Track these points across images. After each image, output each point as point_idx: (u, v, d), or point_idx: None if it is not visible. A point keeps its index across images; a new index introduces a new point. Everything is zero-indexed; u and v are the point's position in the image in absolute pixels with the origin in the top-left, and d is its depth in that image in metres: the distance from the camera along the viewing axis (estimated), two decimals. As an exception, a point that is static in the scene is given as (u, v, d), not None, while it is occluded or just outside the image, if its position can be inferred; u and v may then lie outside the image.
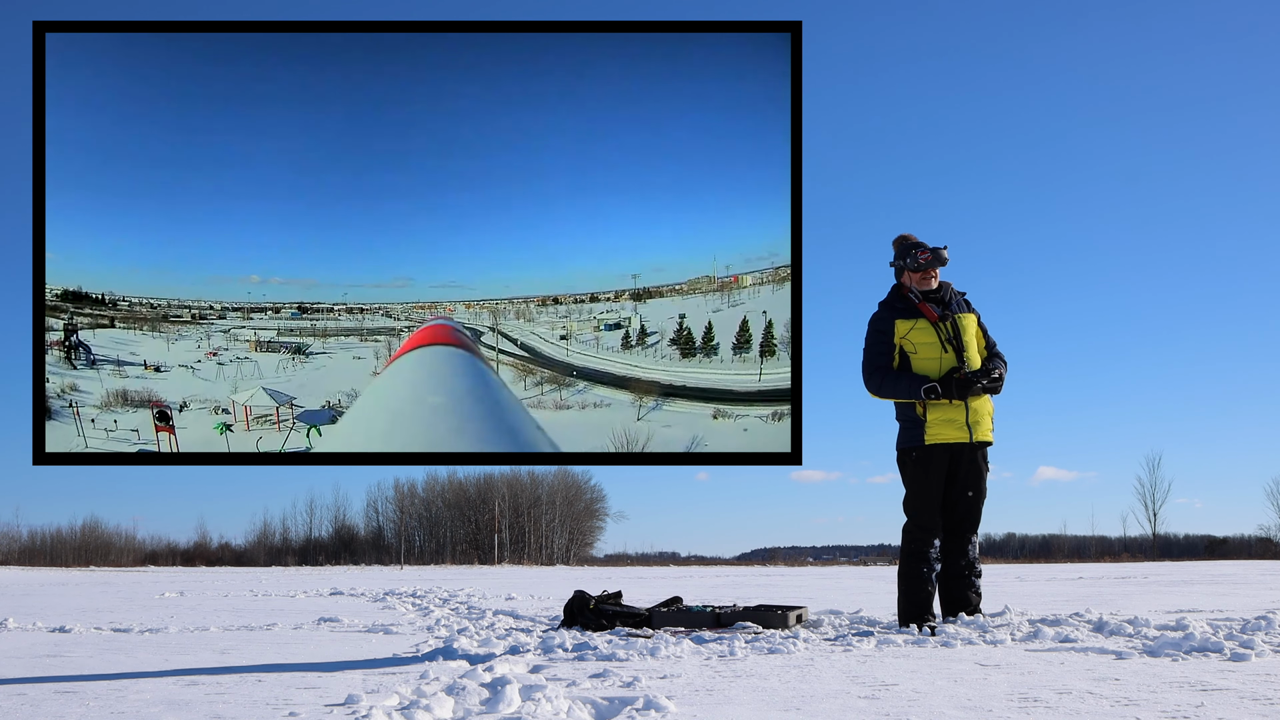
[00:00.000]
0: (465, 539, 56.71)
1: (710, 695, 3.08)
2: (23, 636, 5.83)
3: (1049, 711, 2.72)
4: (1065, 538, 56.87)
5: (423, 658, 4.26)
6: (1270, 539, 48.16)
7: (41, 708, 3.06)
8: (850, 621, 5.52)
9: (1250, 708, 2.75)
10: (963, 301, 5.31)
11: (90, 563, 47.89)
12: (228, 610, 8.43)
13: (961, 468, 5.15)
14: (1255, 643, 4.02)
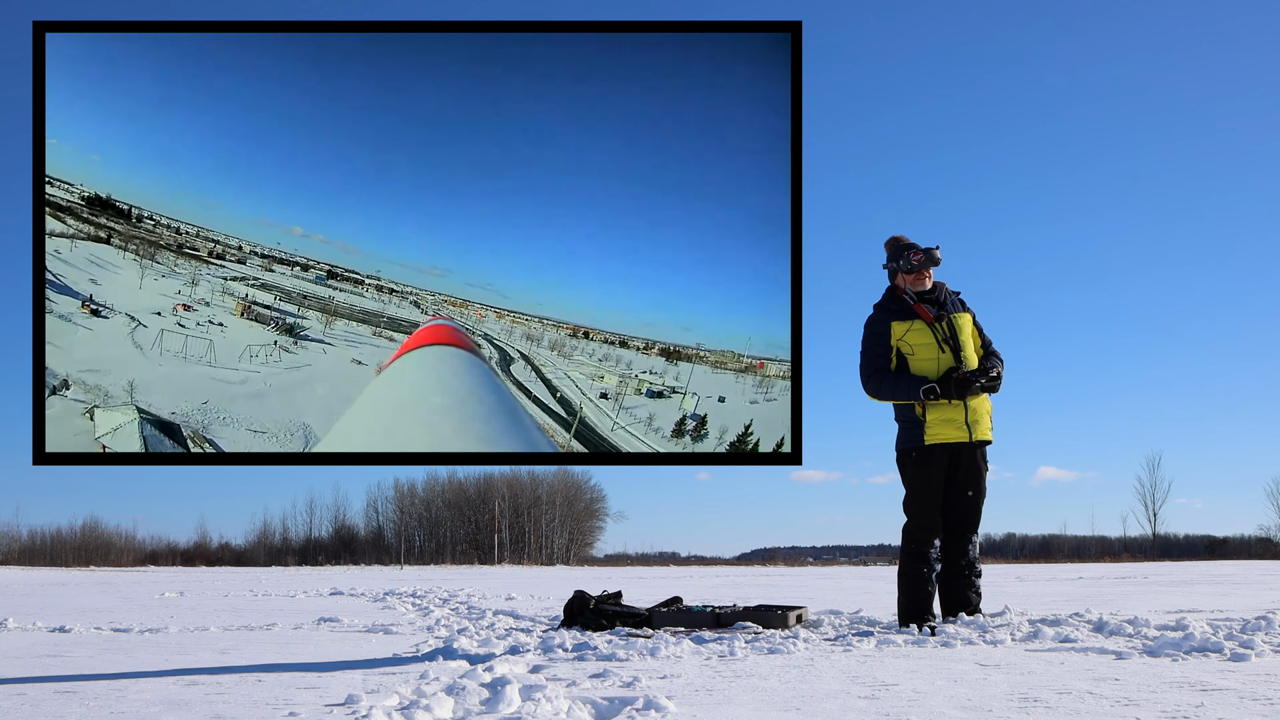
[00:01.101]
0: (465, 539, 56.69)
1: (710, 695, 3.08)
2: (23, 636, 5.83)
3: (1049, 711, 2.72)
4: (1065, 538, 56.89)
5: (423, 658, 4.26)
6: (1270, 539, 48.20)
7: (41, 708, 3.06)
8: (850, 621, 5.52)
9: (1250, 708, 2.75)
10: (957, 301, 5.31)
11: (90, 563, 47.87)
12: (228, 610, 8.43)
13: (961, 467, 5.15)
14: (1255, 643, 4.02)
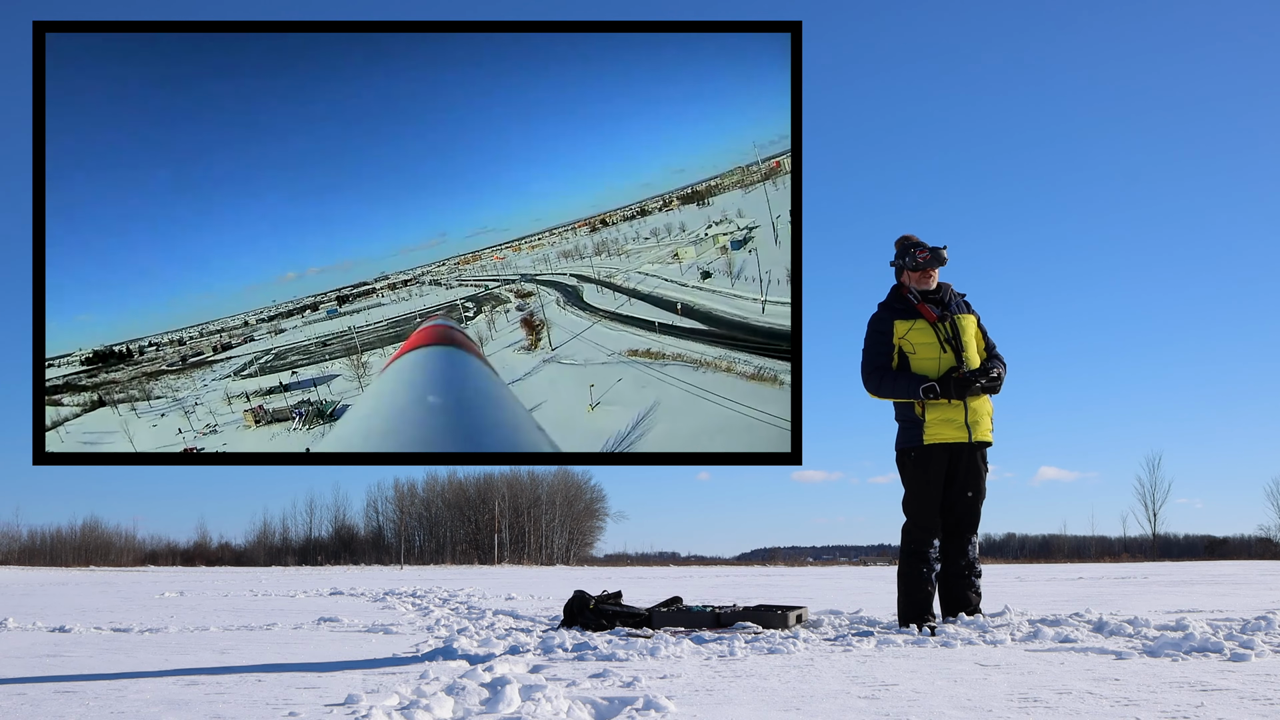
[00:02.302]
0: (465, 539, 56.69)
1: (710, 695, 3.08)
2: (23, 636, 5.83)
3: (1049, 711, 2.72)
4: (1065, 538, 56.87)
5: (423, 658, 4.26)
6: (1270, 539, 48.17)
7: (41, 708, 3.06)
8: (850, 621, 5.52)
9: (1250, 708, 2.75)
10: (962, 303, 5.31)
11: (90, 563, 47.86)
12: (228, 610, 8.43)
13: (961, 468, 5.16)
14: (1255, 643, 4.02)
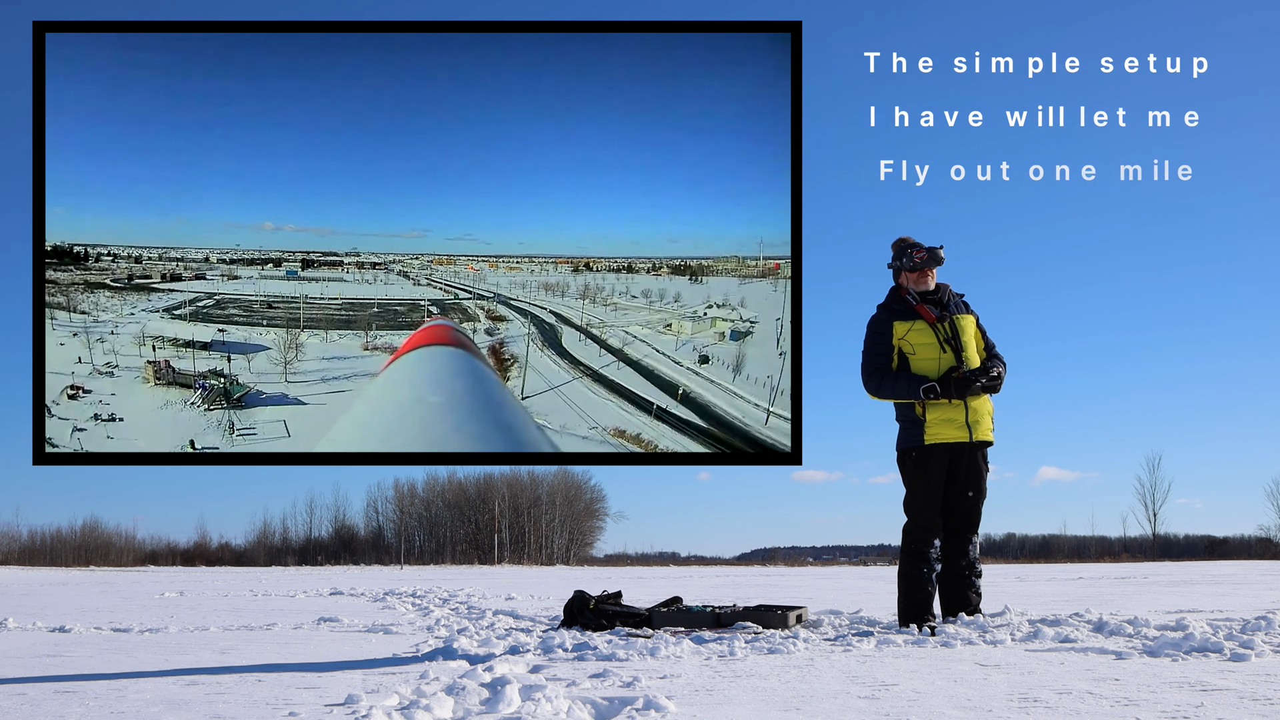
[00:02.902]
0: (465, 539, 56.68)
1: (710, 695, 3.08)
2: (23, 636, 5.83)
3: (1049, 711, 2.72)
4: (1065, 538, 56.84)
5: (423, 658, 4.26)
6: (1270, 539, 48.15)
7: (41, 708, 3.06)
8: (850, 621, 5.52)
9: (1250, 708, 2.75)
10: (961, 303, 5.32)
11: (90, 563, 47.85)
12: (228, 610, 8.43)
13: (961, 468, 5.16)
14: (1255, 643, 4.02)
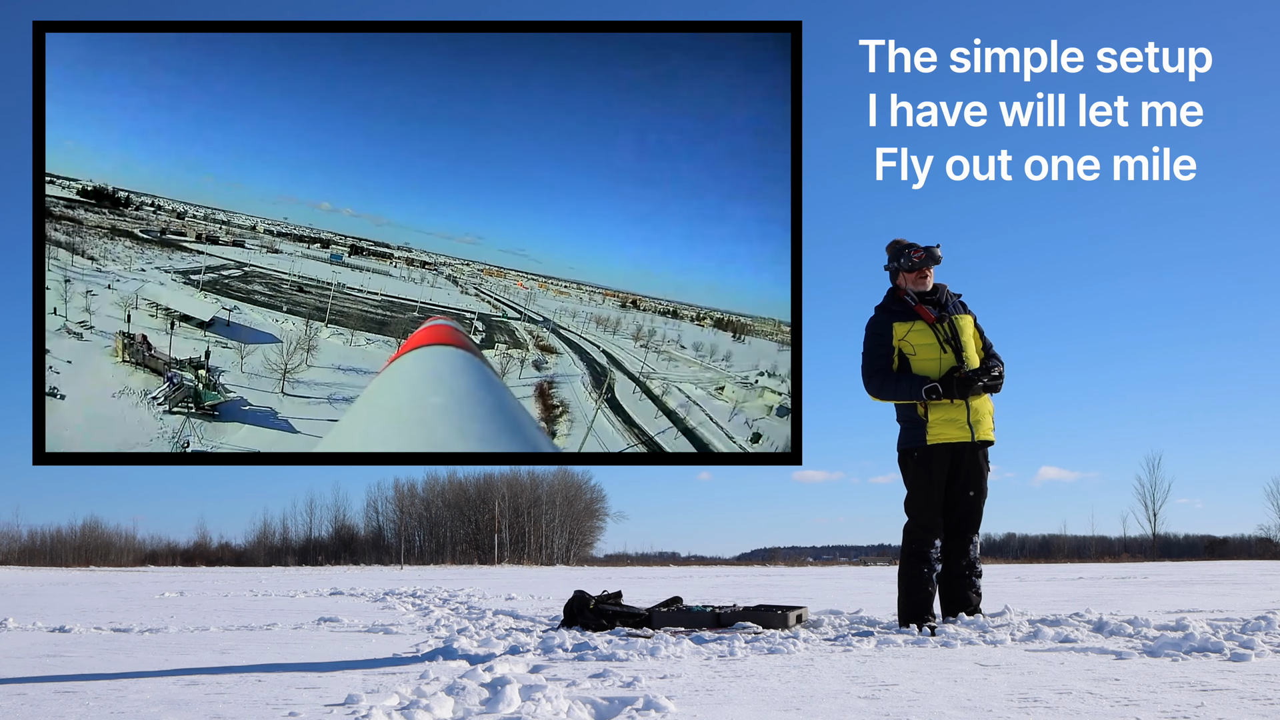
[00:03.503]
0: (465, 539, 56.68)
1: (710, 695, 3.08)
2: (23, 636, 5.83)
3: (1049, 711, 2.72)
4: (1065, 538, 56.80)
5: (423, 658, 4.26)
6: (1270, 539, 48.13)
7: (41, 708, 3.06)
8: (850, 621, 5.52)
9: (1250, 708, 2.75)
10: (959, 303, 5.33)
11: (90, 563, 47.84)
12: (228, 610, 8.43)
13: (963, 467, 5.16)
14: (1255, 643, 4.02)
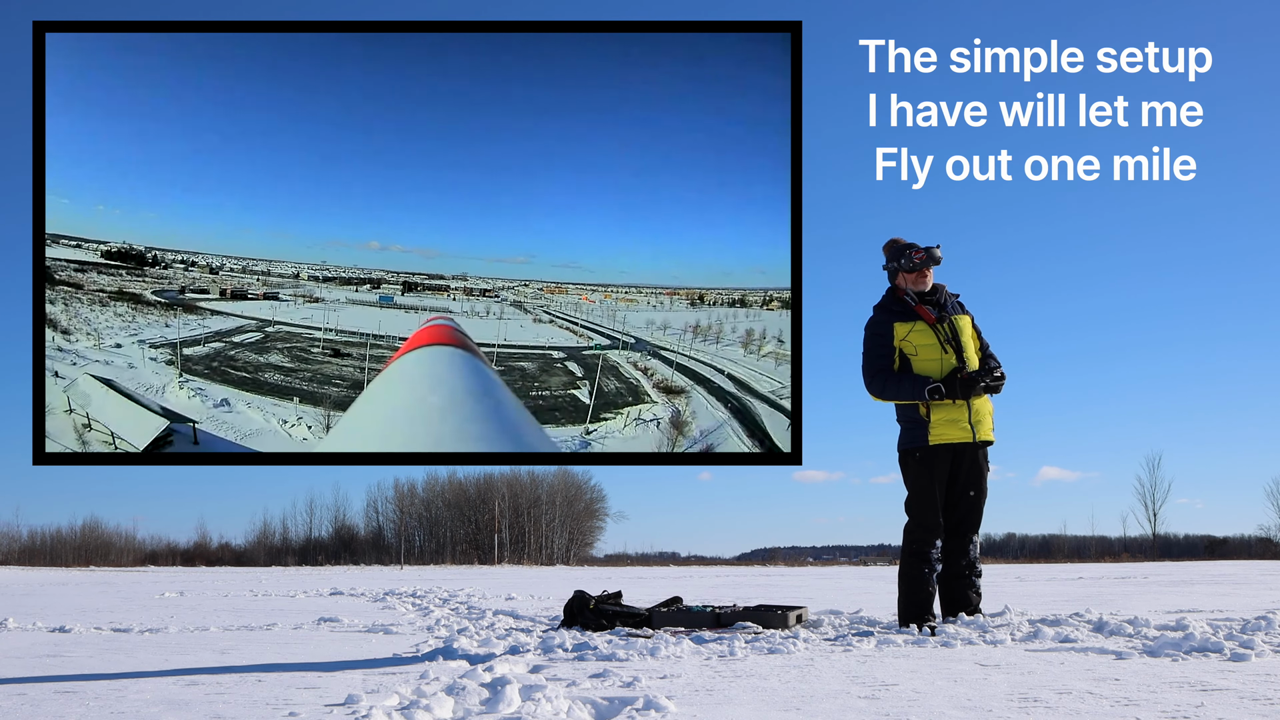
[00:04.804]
0: (465, 539, 56.67)
1: (710, 695, 3.08)
2: (23, 636, 5.83)
3: (1049, 711, 2.72)
4: (1065, 538, 56.77)
5: (423, 658, 4.26)
6: (1270, 539, 48.11)
7: (41, 708, 3.06)
8: (850, 621, 5.52)
9: (1250, 708, 2.75)
10: (957, 304, 5.33)
11: (90, 563, 47.83)
12: (228, 610, 8.43)
13: (964, 468, 5.16)
14: (1255, 643, 4.02)
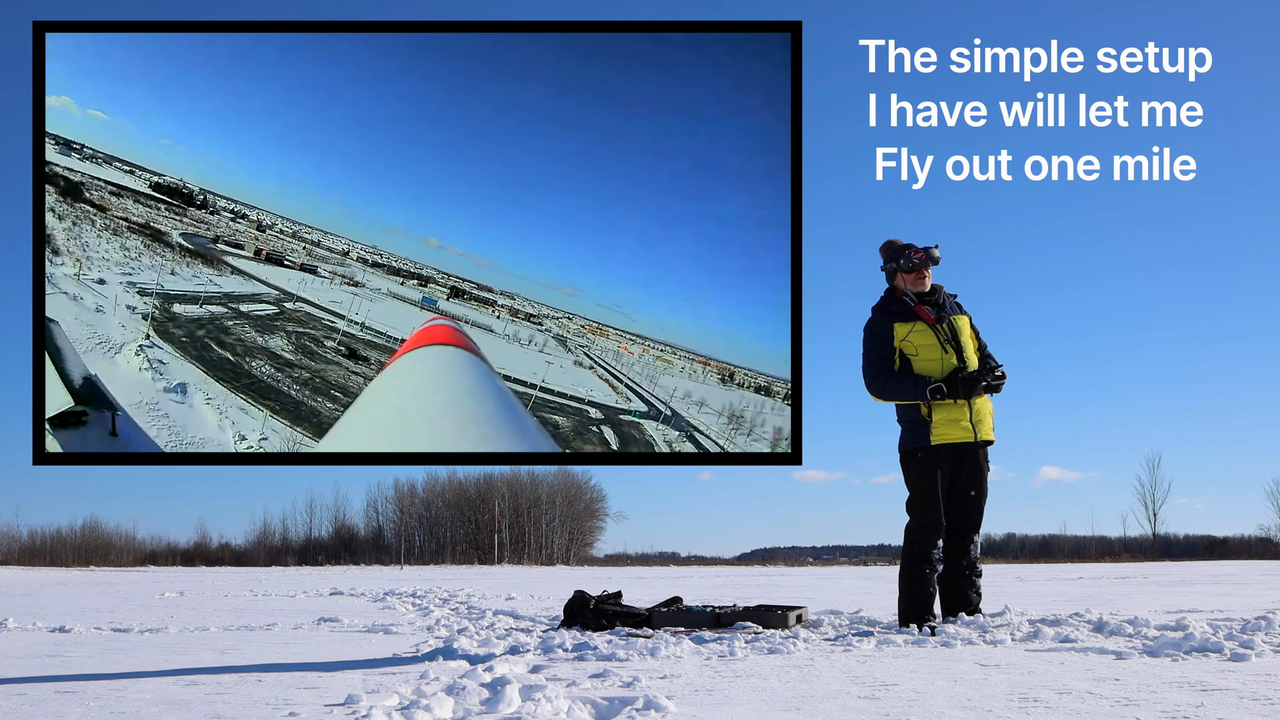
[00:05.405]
0: (465, 539, 56.67)
1: (710, 695, 3.08)
2: (23, 636, 5.83)
3: (1049, 711, 2.72)
4: (1065, 538, 56.77)
5: (423, 658, 4.26)
6: (1270, 539, 48.11)
7: (41, 708, 3.06)
8: (850, 621, 5.52)
9: (1250, 708, 2.75)
10: (955, 304, 5.33)
11: (90, 563, 47.82)
12: (228, 610, 8.43)
13: (964, 468, 5.17)
14: (1255, 643, 4.02)
